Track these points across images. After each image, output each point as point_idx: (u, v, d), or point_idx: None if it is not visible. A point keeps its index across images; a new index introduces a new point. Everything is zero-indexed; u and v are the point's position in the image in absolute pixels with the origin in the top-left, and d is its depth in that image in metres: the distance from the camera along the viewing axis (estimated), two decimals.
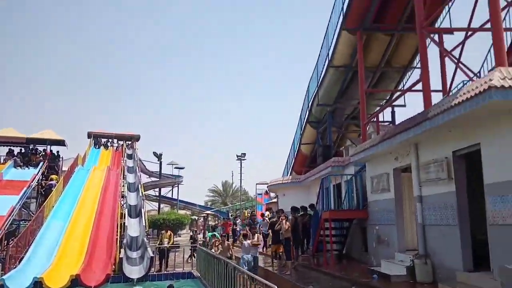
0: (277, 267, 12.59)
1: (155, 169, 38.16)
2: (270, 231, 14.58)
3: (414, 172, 9.24)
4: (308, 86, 18.56)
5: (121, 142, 32.72)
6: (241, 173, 37.47)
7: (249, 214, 25.21)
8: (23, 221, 22.12)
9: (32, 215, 21.62)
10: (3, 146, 26.21)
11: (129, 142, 32.93)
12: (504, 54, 7.29)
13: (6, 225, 17.49)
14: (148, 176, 40.08)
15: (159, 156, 35.22)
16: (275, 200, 23.56)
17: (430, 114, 7.66)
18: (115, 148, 32.20)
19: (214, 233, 18.53)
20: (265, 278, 6.25)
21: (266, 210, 18.67)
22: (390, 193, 10.70)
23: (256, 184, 30.87)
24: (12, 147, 26.41)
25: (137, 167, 28.19)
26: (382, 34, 13.49)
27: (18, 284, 12.87)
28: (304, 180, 17.88)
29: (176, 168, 39.26)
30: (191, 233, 24.46)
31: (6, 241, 17.77)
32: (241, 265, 10.04)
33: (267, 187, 22.96)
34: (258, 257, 12.13)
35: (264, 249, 16.80)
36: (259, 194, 31.09)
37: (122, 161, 27.99)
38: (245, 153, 37.21)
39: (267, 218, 16.93)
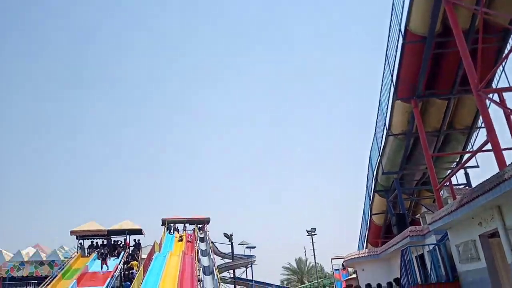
0: None
1: (227, 250, 38.34)
2: None
3: (503, 237, 8.61)
4: (370, 155, 18.45)
5: (192, 226, 33.71)
6: (313, 249, 36.31)
7: None
8: None
9: None
10: (87, 239, 28.14)
11: (200, 226, 33.86)
12: None
13: None
14: (221, 258, 40.25)
15: (230, 237, 35.53)
16: (354, 275, 22.43)
17: (506, 175, 7.36)
18: (187, 232, 33.18)
19: None
20: None
21: (346, 287, 17.74)
22: (480, 262, 9.84)
23: (331, 259, 29.71)
24: (95, 240, 28.29)
25: (210, 250, 28.69)
26: (438, 99, 13.47)
27: None
28: (382, 253, 17.05)
29: (247, 247, 39.17)
30: None
31: None
32: None
33: (343, 262, 22.05)
34: None
35: None
36: (335, 269, 29.74)
37: (195, 245, 28.68)
38: (315, 228, 36.40)
39: None
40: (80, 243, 27.58)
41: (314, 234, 36.26)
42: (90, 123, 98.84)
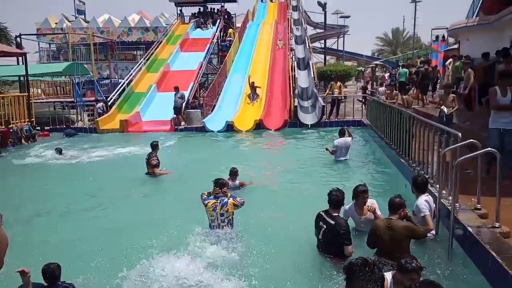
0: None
1: (320, 20, 37.42)
2: None
3: None
4: None
5: None
6: (415, 18, 33.55)
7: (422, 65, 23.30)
8: (210, 74, 25.49)
9: (216, 69, 24.62)
10: (183, 6, 28.79)
11: None
12: None
13: (198, 78, 20.45)
14: (313, 28, 39.75)
15: (323, 6, 33.94)
16: (454, 46, 21.05)
17: None
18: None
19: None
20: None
21: (450, 57, 16.72)
22: None
23: (432, 29, 27.65)
24: (192, 6, 28.88)
25: (302, 19, 28.10)
26: None
27: (214, 126, 15.68)
28: (495, 21, 15.17)
29: (341, 17, 37.69)
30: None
31: (199, 92, 21.02)
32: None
33: (447, 31, 20.38)
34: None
35: None
36: (434, 40, 28.02)
37: (288, 14, 28.14)
38: None
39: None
40: (180, 10, 28.52)
41: (419, 2, 32.85)
42: None
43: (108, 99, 18.64)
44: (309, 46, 22.69)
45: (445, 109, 9.32)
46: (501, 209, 4.45)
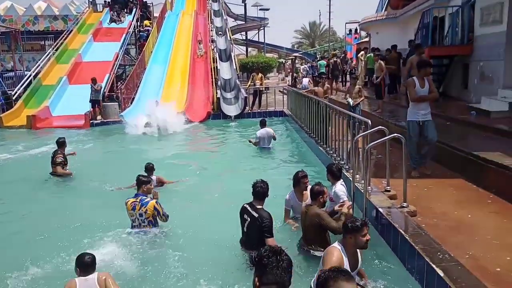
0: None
1: (240, 12, 37.48)
2: None
3: None
4: None
5: None
6: (330, 12, 35.12)
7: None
8: (128, 66, 24.29)
9: (134, 60, 23.51)
10: None
11: None
12: None
13: (114, 69, 19.37)
14: (233, 20, 39.69)
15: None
16: (366, 39, 22.39)
17: None
18: None
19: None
20: None
21: (362, 50, 17.79)
22: (501, 25, 9.62)
23: (346, 23, 29.11)
24: None
25: (222, 10, 27.87)
26: None
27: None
28: (401, 16, 16.39)
29: (261, 9, 38.01)
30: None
31: (116, 84, 19.95)
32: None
33: (359, 25, 21.60)
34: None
35: None
36: (348, 34, 29.54)
37: (207, 5, 27.72)
38: None
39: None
40: None
41: None
42: None
43: (14, 93, 16.94)
44: (230, 37, 22.59)
45: (350, 100, 9.75)
46: (408, 190, 4.76)
